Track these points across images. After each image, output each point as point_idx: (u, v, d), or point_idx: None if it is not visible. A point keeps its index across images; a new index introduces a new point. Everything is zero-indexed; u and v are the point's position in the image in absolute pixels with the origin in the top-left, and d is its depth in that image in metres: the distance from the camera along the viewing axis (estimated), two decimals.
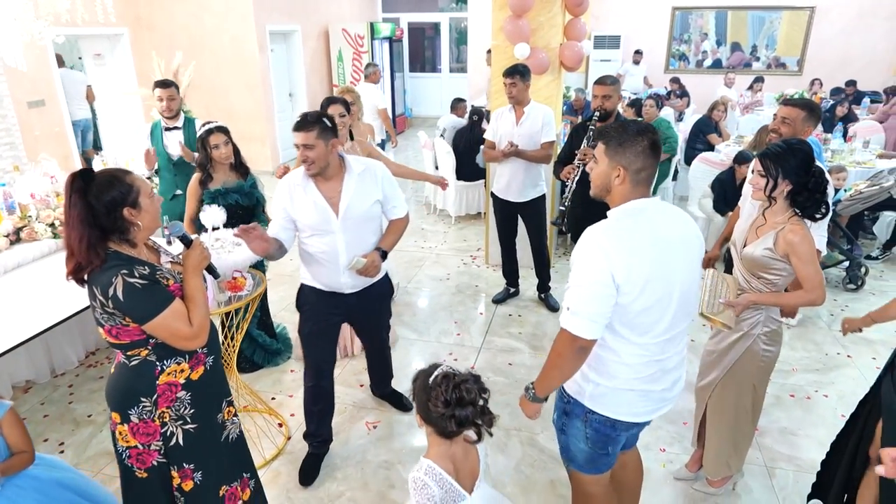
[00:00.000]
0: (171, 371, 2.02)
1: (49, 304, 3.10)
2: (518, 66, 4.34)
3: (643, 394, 2.02)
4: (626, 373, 1.98)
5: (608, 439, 2.11)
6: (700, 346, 4.32)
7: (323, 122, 2.60)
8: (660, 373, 2.02)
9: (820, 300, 2.38)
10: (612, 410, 2.04)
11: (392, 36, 11.77)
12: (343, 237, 2.74)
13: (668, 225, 1.95)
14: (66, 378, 3.95)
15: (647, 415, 2.09)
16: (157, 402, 2.00)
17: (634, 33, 12.29)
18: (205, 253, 2.10)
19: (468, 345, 4.37)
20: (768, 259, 2.40)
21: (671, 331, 1.96)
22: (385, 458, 3.23)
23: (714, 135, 7.32)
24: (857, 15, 11.13)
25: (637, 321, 1.91)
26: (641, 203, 1.92)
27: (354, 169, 2.75)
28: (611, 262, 1.82)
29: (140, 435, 2.02)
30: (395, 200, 2.92)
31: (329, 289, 2.90)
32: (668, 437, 3.39)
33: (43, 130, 7.13)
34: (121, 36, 8.36)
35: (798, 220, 2.38)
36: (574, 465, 2.23)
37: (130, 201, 1.89)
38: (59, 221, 3.90)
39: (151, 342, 1.96)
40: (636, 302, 1.86)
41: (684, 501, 2.95)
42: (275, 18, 9.11)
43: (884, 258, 5.83)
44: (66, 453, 3.26)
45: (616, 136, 1.92)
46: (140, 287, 1.86)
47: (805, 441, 3.36)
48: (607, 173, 1.94)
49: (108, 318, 1.88)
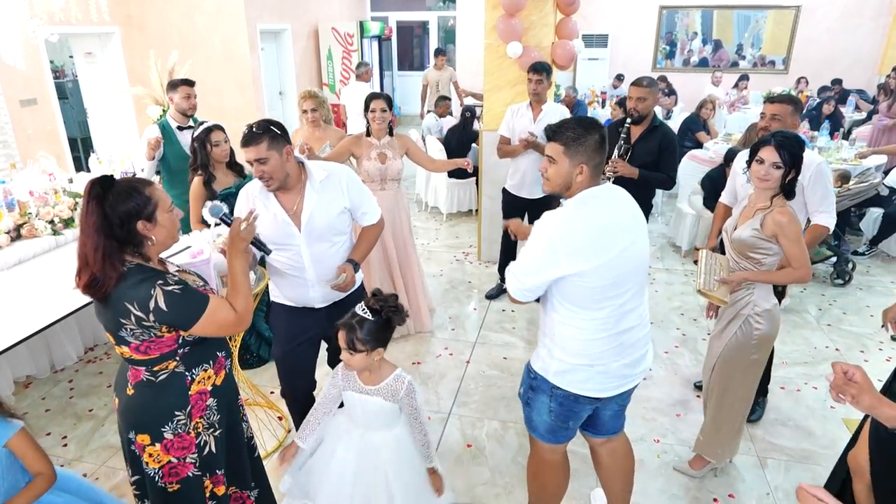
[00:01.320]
0: (201, 379, 1.99)
1: (50, 300, 3.13)
2: (545, 64, 4.40)
3: (603, 371, 2.16)
4: (587, 348, 2.13)
5: (571, 413, 2.26)
6: (691, 339, 4.43)
7: (271, 131, 2.38)
8: (619, 348, 2.15)
9: (806, 277, 2.56)
10: (576, 386, 2.18)
11: (381, 35, 11.80)
12: (308, 250, 2.58)
13: (618, 207, 2.12)
14: (66, 373, 3.97)
15: (610, 391, 2.21)
16: (191, 414, 1.96)
17: (622, 32, 12.39)
18: (245, 232, 2.09)
19: (463, 340, 4.42)
20: (755, 239, 2.57)
21: (627, 304, 2.11)
22: None
23: (702, 133, 7.42)
24: (842, 14, 11.28)
25: (593, 297, 2.06)
26: (593, 191, 2.07)
27: (316, 176, 2.55)
28: (558, 256, 1.99)
29: (175, 450, 1.96)
30: (365, 206, 2.73)
31: (299, 304, 2.73)
32: (662, 429, 3.46)
33: (35, 129, 7.10)
34: (112, 35, 8.33)
35: (784, 202, 2.54)
36: (535, 433, 2.39)
37: (146, 214, 1.82)
38: (59, 219, 3.92)
39: (180, 352, 1.92)
40: (590, 280, 2.02)
41: (678, 491, 3.03)
42: (265, 17, 9.10)
43: (870, 254, 5.95)
44: (68, 447, 3.29)
45: (572, 135, 2.03)
46: (179, 293, 1.82)
47: (796, 432, 3.45)
48: (569, 172, 2.06)
49: (142, 332, 1.81)
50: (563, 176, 2.07)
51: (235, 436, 2.17)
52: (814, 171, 2.96)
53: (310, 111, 4.28)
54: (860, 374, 1.55)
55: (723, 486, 3.04)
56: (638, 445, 3.32)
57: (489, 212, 5.54)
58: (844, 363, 1.60)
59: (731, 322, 2.75)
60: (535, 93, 4.36)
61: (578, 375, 2.17)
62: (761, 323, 2.68)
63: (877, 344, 4.38)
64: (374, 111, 3.93)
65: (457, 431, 3.44)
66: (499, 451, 3.28)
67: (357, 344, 2.16)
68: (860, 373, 1.55)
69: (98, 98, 8.50)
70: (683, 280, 5.44)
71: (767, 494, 3.00)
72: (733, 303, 2.73)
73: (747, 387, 2.86)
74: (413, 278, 4.41)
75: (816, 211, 3.04)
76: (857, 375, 1.54)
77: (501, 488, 3.02)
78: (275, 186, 2.46)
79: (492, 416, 3.55)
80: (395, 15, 13.78)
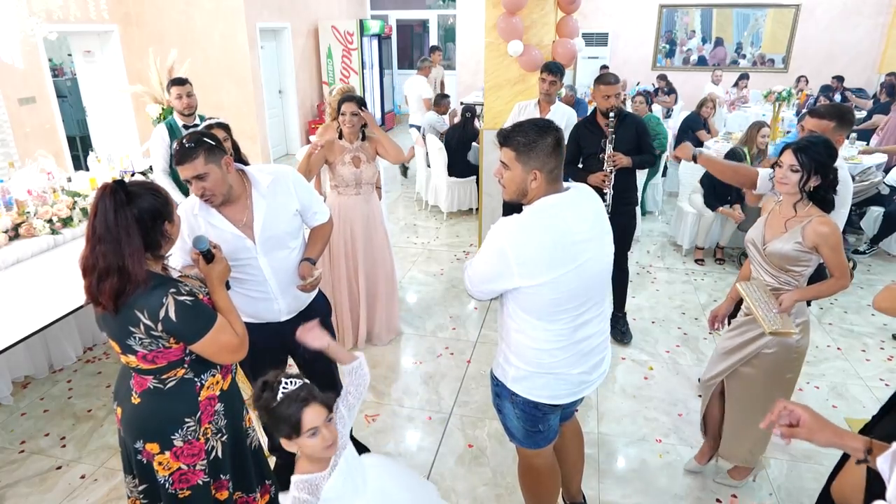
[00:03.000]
0: (210, 384, 1.95)
1: (48, 299, 3.12)
2: (560, 65, 4.40)
3: (560, 377, 2.11)
4: (542, 357, 2.07)
5: (535, 419, 2.21)
6: (692, 338, 4.41)
7: (206, 143, 2.19)
8: (576, 356, 2.10)
9: (848, 284, 2.49)
10: (533, 393, 2.14)
11: (381, 33, 11.78)
12: (266, 261, 2.43)
13: (578, 215, 1.98)
14: (65, 374, 3.95)
15: (567, 397, 2.17)
16: (200, 420, 1.93)
17: (622, 31, 12.38)
18: (227, 266, 2.04)
19: (464, 339, 4.41)
20: (798, 252, 2.46)
21: (584, 315, 2.05)
22: (385, 450, 3.27)
23: (703, 131, 7.41)
24: (841, 13, 11.28)
25: (548, 310, 1.99)
26: (552, 199, 1.96)
27: (262, 182, 2.38)
28: (510, 269, 1.91)
29: (185, 457, 1.92)
30: (314, 206, 2.61)
31: (262, 320, 2.56)
32: (664, 429, 3.45)
33: (34, 128, 7.08)
34: (111, 33, 8.31)
35: (821, 212, 2.45)
36: (515, 440, 2.36)
37: (168, 214, 1.81)
38: (57, 218, 3.90)
39: (188, 359, 1.88)
40: (545, 293, 1.95)
41: (681, 491, 3.01)
42: (265, 16, 9.09)
43: (871, 252, 5.94)
44: (67, 447, 3.27)
45: (524, 140, 1.93)
46: (190, 304, 1.78)
47: None
48: (523, 178, 1.96)
49: (150, 342, 1.77)
50: (517, 182, 1.98)
51: (240, 439, 2.14)
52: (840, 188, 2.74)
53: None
54: (806, 416, 1.48)
55: (725, 487, 3.02)
56: (640, 446, 3.33)
57: (490, 210, 5.53)
58: (789, 403, 1.52)
59: (763, 336, 2.60)
60: (548, 93, 4.35)
61: (535, 382, 2.12)
62: (802, 337, 2.61)
63: (878, 343, 4.38)
64: (344, 114, 3.76)
65: (458, 431, 3.42)
66: (500, 452, 3.26)
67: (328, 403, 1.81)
68: (805, 414, 1.48)
69: (97, 96, 8.49)
70: (684, 279, 5.42)
71: (770, 495, 2.99)
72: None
73: (788, 390, 2.77)
74: (379, 287, 4.24)
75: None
76: (802, 418, 1.48)
77: (503, 489, 3.01)
78: (218, 202, 2.27)
79: (493, 416, 3.51)
80: (394, 13, 13.75)
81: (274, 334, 2.59)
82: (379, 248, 4.17)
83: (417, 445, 3.31)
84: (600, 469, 3.14)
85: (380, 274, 4.21)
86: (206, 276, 1.98)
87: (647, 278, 5.40)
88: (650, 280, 5.38)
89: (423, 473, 3.11)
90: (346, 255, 4.06)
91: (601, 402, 3.68)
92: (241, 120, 9.02)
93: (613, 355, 4.18)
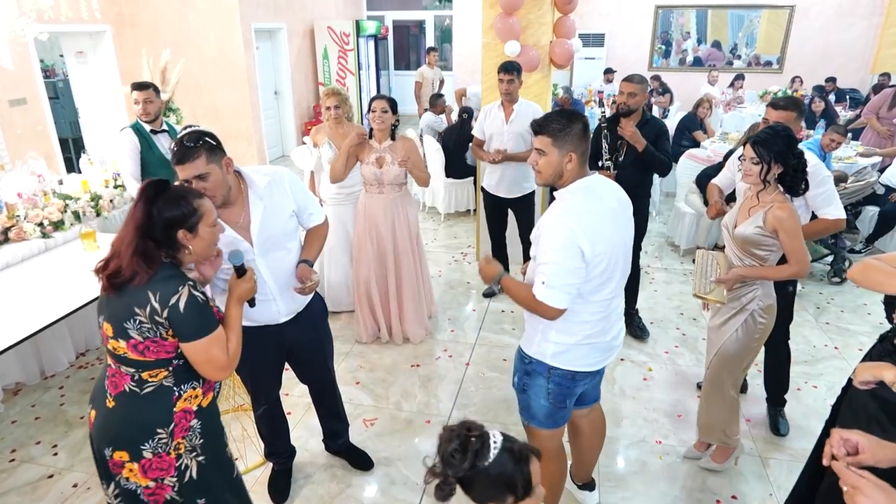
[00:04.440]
0: (188, 397, 1.90)
1: (39, 304, 3.07)
2: (516, 63, 4.35)
3: (596, 345, 2.29)
4: (584, 329, 2.23)
5: (568, 392, 2.35)
6: (691, 339, 4.39)
7: (207, 143, 2.14)
8: (608, 324, 2.29)
9: (802, 272, 2.59)
10: (575, 363, 2.29)
11: (377, 34, 11.74)
12: (265, 263, 2.40)
13: (610, 194, 2.22)
14: (57, 380, 3.89)
15: (600, 363, 2.36)
16: (173, 433, 1.87)
17: (618, 32, 12.37)
18: (255, 286, 2.07)
19: (462, 341, 4.37)
20: (759, 236, 2.59)
21: (619, 286, 2.27)
22: (385, 454, 3.22)
23: (699, 132, 7.39)
24: (835, 13, 11.30)
25: (596, 283, 2.15)
26: (586, 181, 2.16)
27: (259, 183, 2.36)
28: (579, 239, 2.04)
29: (153, 471, 1.87)
30: (310, 207, 2.58)
31: (258, 324, 2.51)
32: (664, 430, 3.42)
33: (25, 129, 7.01)
34: (103, 33, 8.24)
35: (784, 198, 2.57)
36: (534, 422, 2.44)
37: (189, 225, 1.83)
38: (48, 221, 3.85)
39: (175, 363, 1.86)
40: (597, 268, 2.11)
41: (681, 493, 2.99)
42: (260, 16, 9.04)
43: (867, 252, 5.92)
44: (59, 455, 3.22)
45: (558, 126, 2.11)
46: (202, 303, 1.82)
47: (797, 432, 3.41)
48: (559, 161, 2.13)
49: (150, 328, 1.77)
50: (553, 166, 2.15)
51: (220, 465, 2.06)
52: (810, 173, 2.80)
53: (332, 108, 4.18)
54: (863, 440, 1.42)
55: (725, 488, 3.00)
56: (640, 447, 3.30)
57: None
58: (843, 431, 1.44)
59: (735, 316, 2.76)
60: (507, 92, 4.30)
61: (576, 353, 2.27)
62: (765, 317, 2.74)
63: (874, 342, 4.34)
64: (374, 111, 3.82)
65: None
66: None
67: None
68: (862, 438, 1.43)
69: (89, 98, 8.41)
70: (682, 279, 5.40)
71: (770, 495, 2.96)
72: (738, 297, 2.74)
73: (741, 367, 2.89)
74: (411, 286, 4.28)
75: (822, 206, 2.94)
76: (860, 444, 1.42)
77: None
78: (218, 203, 2.21)
79: (492, 419, 3.50)
80: (391, 14, 13.72)
81: (272, 337, 2.57)
82: (408, 250, 4.22)
83: (416, 449, 3.27)
84: (600, 472, 3.10)
85: (409, 274, 4.26)
86: (231, 290, 2.04)
87: (645, 279, 5.36)
88: (648, 280, 5.35)
89: (421, 478, 3.07)
90: (373, 254, 4.12)
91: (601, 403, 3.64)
92: (237, 121, 8.98)
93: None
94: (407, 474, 3.10)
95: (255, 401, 2.84)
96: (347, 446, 3.15)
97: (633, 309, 4.43)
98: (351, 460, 3.14)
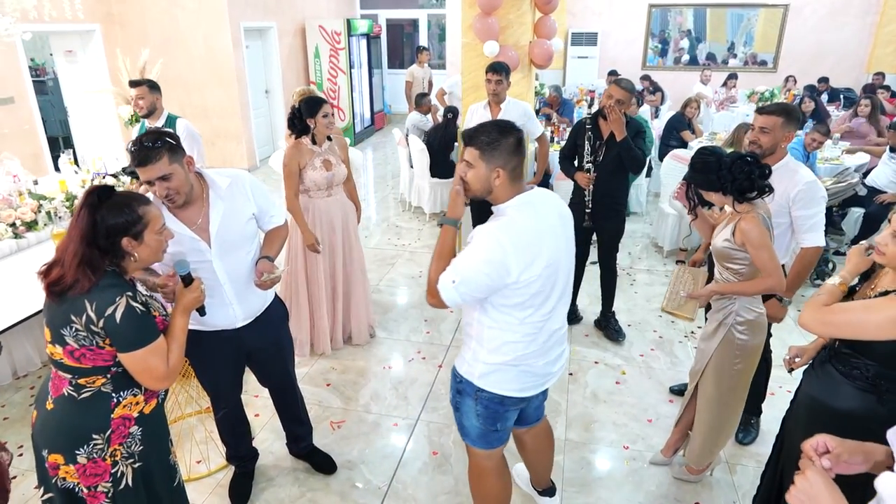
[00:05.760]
0: (127, 403, 1.89)
1: (10, 303, 3.07)
2: (504, 64, 4.34)
3: (527, 370, 2.18)
4: (514, 350, 2.13)
5: (497, 415, 2.25)
6: (667, 342, 4.38)
7: (168, 143, 2.14)
8: (544, 347, 2.18)
9: (778, 286, 2.48)
10: (500, 387, 2.19)
11: (369, 32, 11.72)
12: (222, 265, 2.38)
13: (550, 211, 2.11)
14: (29, 380, 3.89)
15: (533, 389, 2.25)
16: (109, 439, 1.86)
17: (611, 30, 12.33)
18: (200, 294, 2.03)
19: (437, 343, 4.36)
20: (728, 249, 2.53)
21: (556, 309, 2.15)
22: (349, 457, 3.22)
23: (687, 131, 7.36)
24: (828, 12, 11.26)
25: (528, 303, 2.06)
26: (526, 196, 2.05)
27: (220, 184, 2.34)
28: (509, 260, 1.94)
29: (86, 477, 1.85)
30: (271, 210, 2.57)
31: (216, 328, 2.49)
32: (632, 435, 3.40)
33: (12, 128, 7.02)
34: (93, 32, 8.24)
35: (750, 210, 2.47)
36: (469, 440, 2.37)
37: (133, 232, 1.81)
38: (21, 221, 3.85)
39: (113, 370, 1.84)
40: (530, 288, 2.02)
41: (644, 499, 2.97)
42: (249, 15, 9.02)
43: None
44: (24, 457, 3.21)
45: (487, 139, 2.00)
46: (140, 314, 1.79)
47: (768, 437, 3.37)
48: (486, 176, 2.02)
49: (85, 337, 1.76)
50: (481, 181, 2.03)
51: (162, 472, 2.05)
52: (802, 190, 2.77)
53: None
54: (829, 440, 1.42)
55: (689, 494, 2.99)
56: (607, 452, 3.29)
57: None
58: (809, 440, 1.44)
59: (718, 329, 2.70)
60: (495, 93, 4.28)
61: (504, 376, 2.17)
62: (744, 334, 2.63)
63: None
64: (325, 116, 3.63)
65: (424, 438, 3.38)
66: (464, 459, 3.16)
67: None
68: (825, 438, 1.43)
69: (78, 97, 8.41)
70: (663, 281, 5.38)
71: (734, 502, 2.95)
72: (717, 310, 2.69)
73: (737, 394, 2.80)
74: (357, 289, 4.21)
75: (804, 230, 2.83)
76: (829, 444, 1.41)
77: (465, 497, 2.96)
78: (181, 203, 2.22)
79: None
80: (385, 13, 13.68)
81: (229, 342, 2.56)
82: (355, 249, 4.15)
83: (381, 453, 3.26)
84: (564, 476, 3.09)
85: (356, 274, 4.19)
86: (178, 298, 2.01)
87: (626, 280, 5.35)
88: (629, 282, 5.34)
89: (384, 482, 3.06)
90: (323, 258, 3.99)
91: (571, 407, 3.64)
92: (226, 120, 8.97)
93: (587, 359, 4.15)
94: (370, 478, 3.09)
95: (215, 405, 2.83)
96: (310, 449, 3.14)
97: (609, 311, 4.42)
98: (314, 463, 3.13)
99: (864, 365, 1.95)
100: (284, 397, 2.98)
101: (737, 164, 2.42)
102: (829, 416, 2.04)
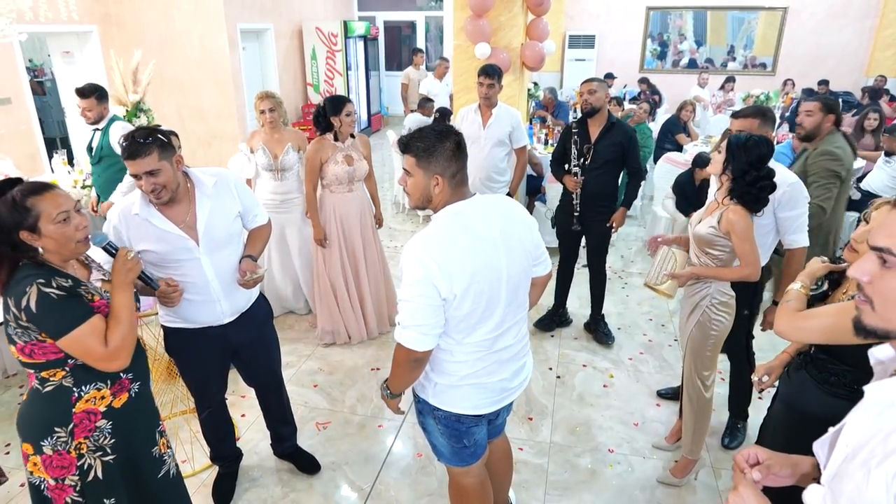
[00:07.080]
0: (91, 398, 1.88)
1: None
2: (496, 67, 4.33)
3: (480, 387, 2.09)
4: (460, 370, 2.04)
5: (459, 433, 2.17)
6: (657, 345, 4.37)
7: (159, 139, 2.19)
8: (496, 365, 2.08)
9: (754, 275, 2.59)
10: (454, 405, 2.10)
11: (367, 34, 11.73)
12: (209, 261, 2.41)
13: (487, 222, 1.94)
14: (18, 378, 3.91)
15: (490, 406, 2.14)
16: (73, 433, 1.86)
17: (609, 33, 12.34)
18: (130, 264, 1.96)
19: None
20: (712, 236, 2.62)
21: (502, 326, 2.02)
22: (333, 458, 3.22)
23: (682, 135, 7.37)
24: (827, 15, 11.26)
25: (463, 325, 1.94)
26: (457, 206, 1.92)
27: (206, 182, 2.40)
28: (433, 275, 1.82)
29: (53, 468, 1.87)
30: (254, 209, 2.62)
31: (202, 325, 2.52)
32: (618, 438, 3.40)
33: (9, 129, 7.03)
34: (90, 33, 8.25)
35: (739, 203, 2.56)
36: (443, 459, 2.31)
37: (27, 226, 1.76)
38: None
39: (70, 363, 1.83)
40: (461, 307, 1.90)
41: (626, 501, 2.97)
42: (246, 17, 9.03)
43: None
44: (10, 454, 3.22)
45: (423, 146, 1.88)
46: (56, 298, 1.74)
47: (753, 440, 3.39)
48: (425, 184, 1.92)
49: (23, 332, 1.76)
50: (420, 189, 1.93)
51: (140, 465, 2.04)
52: (787, 191, 2.80)
53: (267, 111, 4.14)
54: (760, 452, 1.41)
55: (673, 498, 2.99)
56: (592, 455, 3.29)
57: None
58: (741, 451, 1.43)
59: (692, 313, 2.78)
60: (486, 97, 4.24)
61: (456, 394, 2.09)
62: (721, 312, 2.72)
63: None
64: (349, 115, 3.85)
65: (409, 440, 3.38)
66: None
67: None
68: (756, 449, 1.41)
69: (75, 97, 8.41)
70: None
71: None
72: (692, 294, 2.78)
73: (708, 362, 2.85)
74: (377, 282, 4.37)
75: (790, 232, 2.88)
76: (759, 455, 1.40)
77: (447, 499, 2.95)
78: (167, 199, 2.26)
79: None
80: (382, 14, 13.71)
81: (215, 339, 2.58)
82: (374, 245, 4.32)
83: (365, 454, 3.27)
84: (548, 480, 3.10)
85: (379, 268, 4.37)
86: (113, 269, 1.97)
87: (618, 283, 5.35)
88: (621, 285, 5.34)
89: (367, 483, 3.07)
90: (344, 253, 4.15)
91: (557, 410, 3.64)
92: (222, 121, 8.98)
93: (575, 362, 4.15)
94: (353, 479, 3.09)
95: (198, 404, 2.84)
96: (294, 450, 3.15)
97: (598, 314, 4.42)
98: (298, 464, 3.13)
99: (842, 370, 1.96)
100: (269, 396, 2.99)
101: (767, 178, 2.51)
102: (805, 422, 2.05)
